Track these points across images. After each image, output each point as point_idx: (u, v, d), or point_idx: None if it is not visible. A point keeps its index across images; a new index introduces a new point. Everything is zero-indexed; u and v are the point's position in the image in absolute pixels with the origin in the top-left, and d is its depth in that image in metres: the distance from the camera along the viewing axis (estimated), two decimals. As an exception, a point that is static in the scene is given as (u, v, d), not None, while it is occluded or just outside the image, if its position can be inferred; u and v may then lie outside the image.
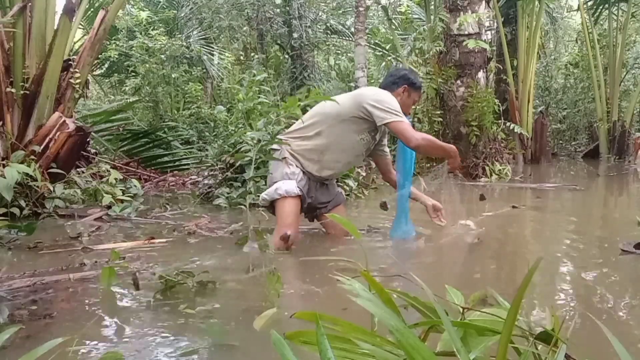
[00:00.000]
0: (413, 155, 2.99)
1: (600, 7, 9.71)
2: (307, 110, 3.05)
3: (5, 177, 3.34)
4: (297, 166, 2.79)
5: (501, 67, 8.21)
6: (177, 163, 6.46)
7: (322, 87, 10.14)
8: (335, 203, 3.05)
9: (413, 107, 3.38)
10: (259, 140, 2.76)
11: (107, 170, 4.50)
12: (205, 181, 5.02)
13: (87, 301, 2.05)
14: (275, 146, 2.83)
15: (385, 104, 2.74)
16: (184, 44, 9.13)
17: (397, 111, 2.74)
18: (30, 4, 4.15)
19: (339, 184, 4.57)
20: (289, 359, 0.75)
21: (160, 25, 9.82)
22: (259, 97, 4.67)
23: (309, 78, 9.89)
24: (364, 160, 4.14)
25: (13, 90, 4.05)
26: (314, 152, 2.81)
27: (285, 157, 2.77)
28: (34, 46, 4.18)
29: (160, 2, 10.67)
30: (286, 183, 2.72)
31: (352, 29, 8.74)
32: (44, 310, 1.87)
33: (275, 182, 2.75)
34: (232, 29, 10.25)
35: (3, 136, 3.92)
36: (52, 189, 3.83)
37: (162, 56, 8.47)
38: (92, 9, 7.80)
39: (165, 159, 6.44)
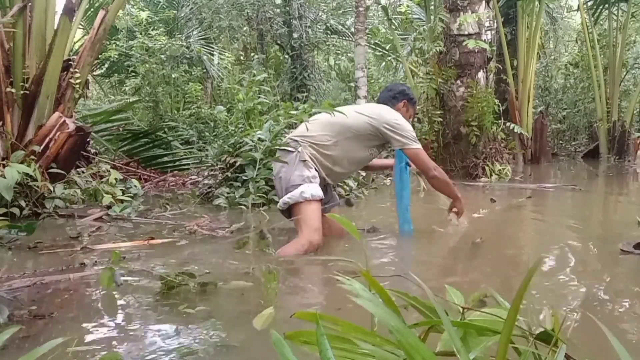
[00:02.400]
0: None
1: (600, 7, 9.70)
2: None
3: (5, 177, 3.34)
4: (315, 169, 2.78)
5: (501, 67, 8.21)
6: (177, 163, 6.45)
7: (322, 87, 10.15)
8: (331, 205, 3.07)
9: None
10: (261, 140, 2.77)
11: (107, 170, 4.49)
12: (205, 181, 5.02)
13: (87, 301, 2.05)
14: (289, 147, 2.82)
15: (404, 130, 2.86)
16: (184, 44, 9.13)
17: (415, 137, 2.90)
18: (30, 4, 4.15)
19: (339, 184, 4.58)
20: (289, 359, 0.75)
21: (160, 25, 9.82)
22: (259, 97, 4.66)
23: (309, 78, 9.89)
24: None
25: (13, 90, 4.05)
26: (328, 160, 2.83)
27: (305, 160, 2.76)
28: (34, 46, 4.18)
29: (160, 2, 10.67)
30: (311, 187, 2.69)
31: (352, 29, 8.74)
32: (44, 310, 1.87)
33: (296, 184, 2.70)
34: (232, 29, 10.25)
35: (3, 136, 3.92)
36: (52, 189, 3.82)
37: (162, 56, 8.47)
38: (92, 9, 7.79)
39: (165, 159, 6.43)
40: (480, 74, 6.68)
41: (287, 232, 3.08)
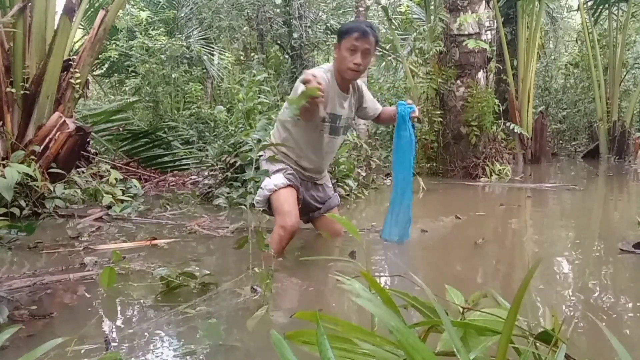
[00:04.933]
0: (412, 150, 2.78)
1: (600, 7, 9.70)
2: None
3: (5, 177, 3.34)
4: (284, 164, 2.75)
5: (501, 67, 8.20)
6: (177, 163, 6.45)
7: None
8: (328, 206, 2.98)
9: (369, 65, 2.95)
10: (259, 140, 2.76)
11: (107, 170, 4.49)
12: (205, 181, 5.01)
13: (87, 301, 2.05)
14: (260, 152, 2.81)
15: (295, 92, 2.48)
16: (184, 44, 9.12)
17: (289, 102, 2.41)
18: (30, 4, 4.15)
19: (339, 184, 4.57)
20: (289, 359, 0.75)
21: (160, 25, 9.81)
22: (259, 97, 4.66)
23: (309, 78, 9.87)
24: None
25: (13, 90, 4.05)
26: (290, 155, 2.77)
27: (269, 158, 2.72)
28: (34, 46, 4.18)
29: (160, 2, 10.66)
30: (273, 178, 2.68)
31: (352, 29, 8.71)
32: (44, 310, 1.87)
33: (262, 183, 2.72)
34: (232, 29, 10.24)
35: (3, 136, 3.92)
36: (52, 189, 3.82)
37: (162, 56, 8.46)
38: (92, 9, 7.78)
39: (165, 159, 6.43)
40: (480, 74, 6.68)
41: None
